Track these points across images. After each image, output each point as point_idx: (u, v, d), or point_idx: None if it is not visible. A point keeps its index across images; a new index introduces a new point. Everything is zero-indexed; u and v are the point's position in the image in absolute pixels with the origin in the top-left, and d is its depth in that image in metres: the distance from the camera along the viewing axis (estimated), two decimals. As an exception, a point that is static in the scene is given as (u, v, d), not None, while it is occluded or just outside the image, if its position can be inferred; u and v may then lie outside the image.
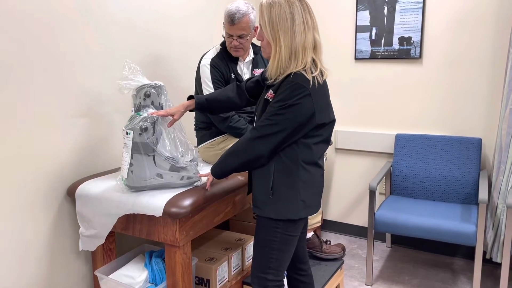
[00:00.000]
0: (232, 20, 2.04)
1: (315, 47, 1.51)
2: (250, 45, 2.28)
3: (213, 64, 2.15)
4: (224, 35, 2.13)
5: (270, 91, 1.51)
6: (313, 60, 1.51)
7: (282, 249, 1.57)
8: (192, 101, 1.80)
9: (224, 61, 2.19)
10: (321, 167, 1.60)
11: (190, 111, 1.81)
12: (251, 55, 2.28)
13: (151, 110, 1.76)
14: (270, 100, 1.50)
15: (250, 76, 2.28)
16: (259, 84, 1.78)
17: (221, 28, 2.90)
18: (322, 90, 1.50)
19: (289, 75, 1.46)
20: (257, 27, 2.12)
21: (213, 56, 2.19)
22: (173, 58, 2.55)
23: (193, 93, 2.57)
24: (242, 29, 2.06)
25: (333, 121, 1.57)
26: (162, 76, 2.46)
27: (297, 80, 1.44)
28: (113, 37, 2.13)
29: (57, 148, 1.91)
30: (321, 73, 1.51)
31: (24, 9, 1.73)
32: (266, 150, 1.49)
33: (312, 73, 1.47)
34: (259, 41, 1.58)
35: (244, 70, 2.25)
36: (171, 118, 1.75)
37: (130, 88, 1.79)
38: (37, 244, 1.86)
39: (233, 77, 2.19)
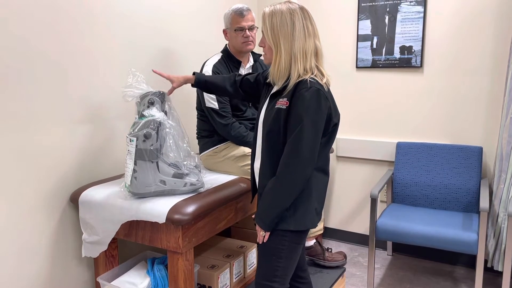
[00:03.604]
0: (241, 12, 2.17)
1: (317, 54, 1.54)
2: (250, 53, 2.33)
3: (215, 70, 2.19)
4: (234, 34, 2.20)
5: (284, 99, 1.50)
6: (318, 68, 1.54)
7: (289, 258, 1.57)
8: (193, 77, 1.90)
9: (226, 66, 2.23)
10: (328, 175, 1.61)
11: (192, 85, 1.92)
12: (251, 61, 2.33)
13: (155, 111, 1.78)
14: (283, 108, 1.49)
15: None
16: (258, 84, 1.82)
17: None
18: (330, 93, 1.54)
19: (300, 82, 1.48)
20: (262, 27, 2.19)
21: (215, 62, 2.23)
22: (178, 62, 2.57)
23: (195, 97, 2.59)
24: (252, 20, 2.20)
25: (338, 123, 1.59)
26: (166, 82, 2.48)
27: (313, 85, 1.46)
28: (118, 42, 2.16)
29: (60, 154, 1.92)
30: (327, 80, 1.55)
31: (29, 12, 1.75)
32: (312, 167, 1.48)
33: (321, 80, 1.50)
34: (261, 48, 1.61)
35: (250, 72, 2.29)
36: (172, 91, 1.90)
37: (134, 95, 1.82)
38: (40, 250, 1.87)
39: None
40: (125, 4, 2.17)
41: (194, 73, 1.93)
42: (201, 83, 1.90)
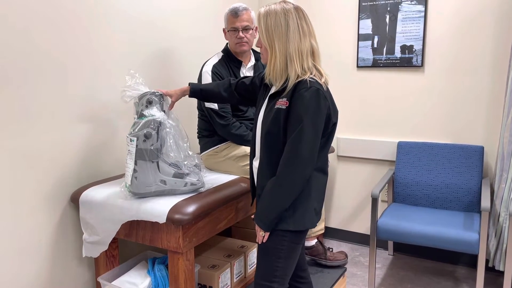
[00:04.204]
0: (236, 12, 2.15)
1: (313, 53, 1.54)
2: (252, 51, 2.32)
3: (214, 71, 2.18)
4: (228, 34, 2.21)
5: (284, 99, 1.50)
6: (316, 67, 1.53)
7: (289, 258, 1.57)
8: (188, 88, 1.92)
9: (226, 66, 2.22)
10: (326, 174, 1.61)
11: (189, 96, 1.93)
12: (252, 60, 2.31)
13: (155, 111, 1.78)
14: (283, 108, 1.49)
15: None
16: (254, 86, 1.81)
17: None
18: (329, 93, 1.53)
19: (300, 82, 1.48)
20: (257, 28, 2.18)
21: (215, 62, 2.22)
22: (180, 61, 2.57)
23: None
24: (246, 21, 2.17)
25: (336, 122, 1.59)
26: (167, 80, 2.48)
27: (312, 85, 1.46)
28: (118, 42, 2.15)
29: (60, 154, 1.92)
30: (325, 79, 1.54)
31: (30, 13, 1.75)
32: (312, 167, 1.48)
33: (320, 79, 1.50)
34: (259, 48, 1.61)
35: (247, 75, 2.28)
36: (170, 100, 1.90)
37: (132, 96, 1.82)
38: (40, 250, 1.86)
39: None
40: (126, 2, 2.17)
41: (189, 84, 1.94)
42: (196, 92, 1.91)
